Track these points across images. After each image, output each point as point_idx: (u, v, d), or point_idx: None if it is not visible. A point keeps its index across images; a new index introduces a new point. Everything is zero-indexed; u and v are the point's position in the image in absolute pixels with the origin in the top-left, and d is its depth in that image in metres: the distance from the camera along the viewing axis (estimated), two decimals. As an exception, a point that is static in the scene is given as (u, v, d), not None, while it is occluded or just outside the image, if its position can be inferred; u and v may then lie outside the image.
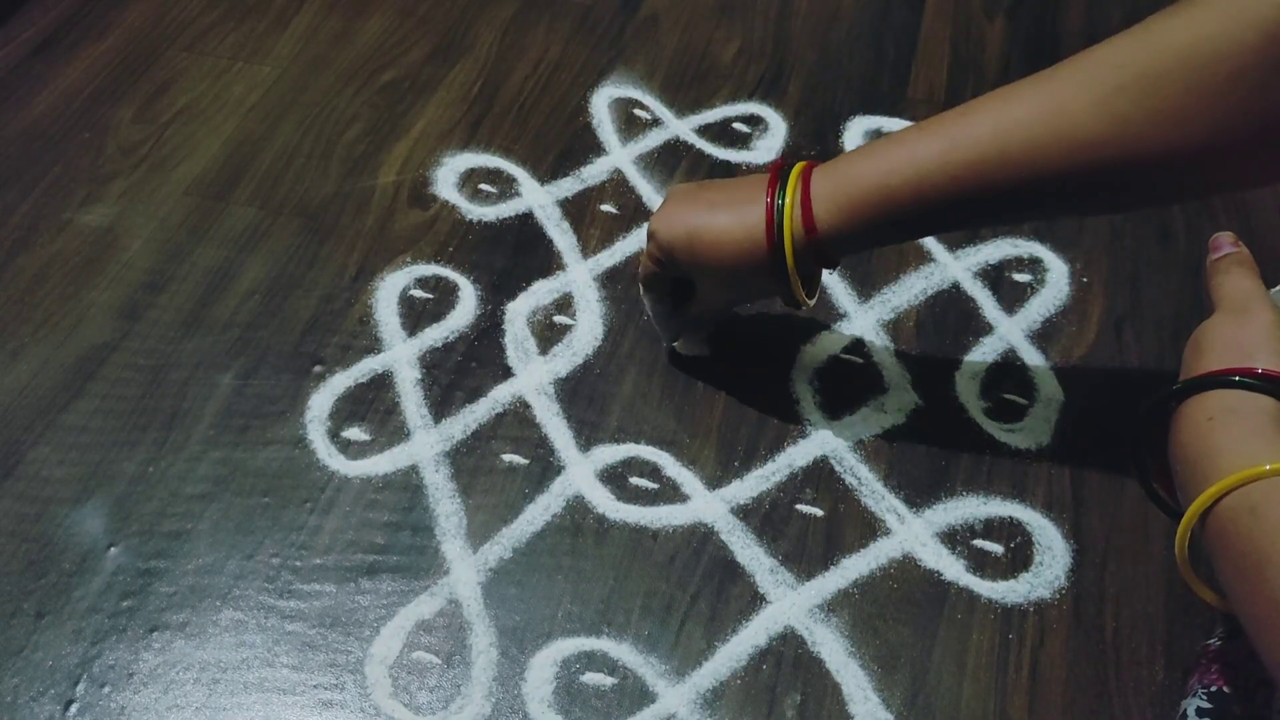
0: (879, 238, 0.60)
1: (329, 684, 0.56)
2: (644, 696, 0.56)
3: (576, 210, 0.79)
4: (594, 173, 0.81)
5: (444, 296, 0.73)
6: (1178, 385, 0.50)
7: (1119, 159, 0.52)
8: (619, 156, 0.82)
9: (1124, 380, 0.70)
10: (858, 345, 0.71)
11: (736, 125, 0.85)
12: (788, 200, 0.58)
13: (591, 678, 0.56)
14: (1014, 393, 0.69)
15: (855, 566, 0.61)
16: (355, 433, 0.66)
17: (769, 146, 0.83)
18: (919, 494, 0.64)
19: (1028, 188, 0.54)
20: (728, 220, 0.60)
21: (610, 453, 0.65)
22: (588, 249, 0.76)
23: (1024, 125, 0.53)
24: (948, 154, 0.55)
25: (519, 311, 0.72)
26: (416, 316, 0.72)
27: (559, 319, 0.72)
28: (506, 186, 0.80)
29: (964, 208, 0.56)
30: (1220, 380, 0.48)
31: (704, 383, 0.69)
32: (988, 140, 0.54)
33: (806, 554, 0.61)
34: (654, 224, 0.62)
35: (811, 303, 0.63)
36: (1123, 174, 0.52)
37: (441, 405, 0.67)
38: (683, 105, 0.86)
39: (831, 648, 0.58)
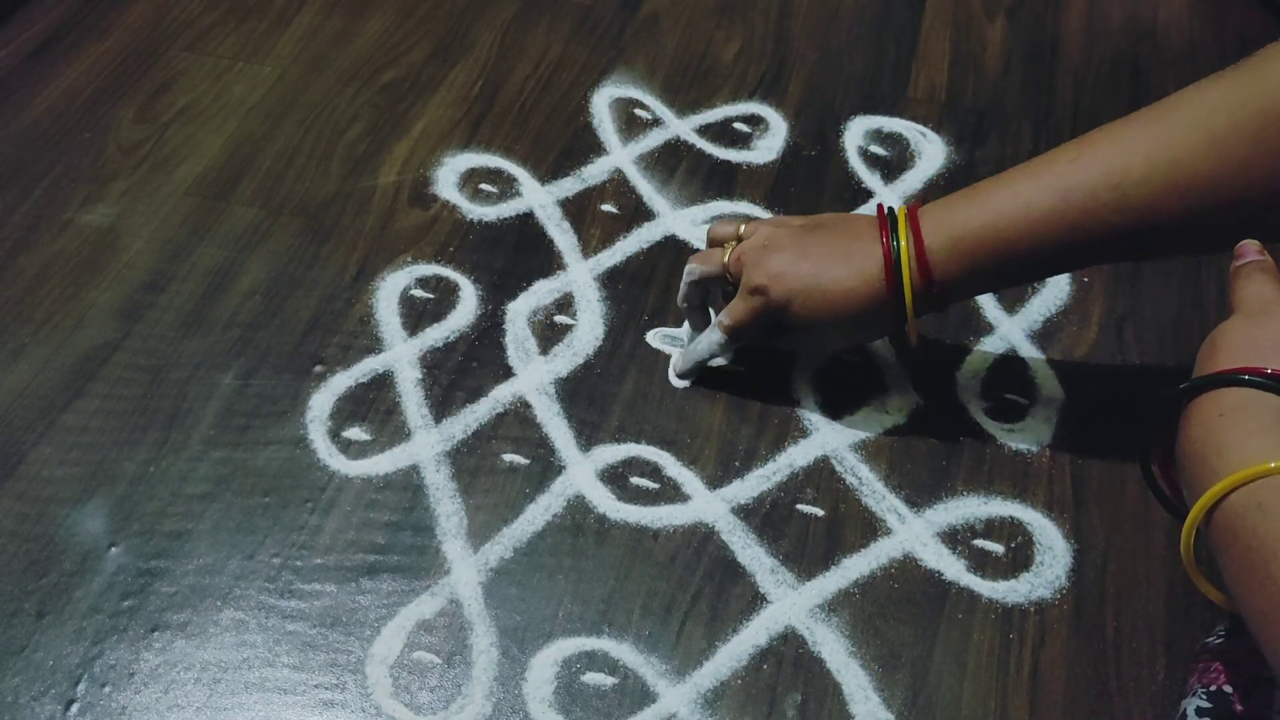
0: (992, 283, 0.62)
1: (330, 684, 0.56)
2: (645, 696, 0.56)
3: (577, 210, 0.79)
4: (594, 172, 0.81)
5: (444, 296, 0.73)
6: (1189, 382, 0.50)
7: (1235, 199, 0.53)
8: (619, 156, 0.82)
9: (1125, 380, 0.70)
10: (858, 345, 0.71)
11: (737, 125, 0.85)
12: (903, 247, 0.59)
13: (592, 677, 0.56)
14: (1015, 393, 0.69)
15: (856, 566, 0.61)
16: (356, 433, 0.66)
17: (769, 146, 0.84)
18: (920, 494, 0.64)
19: (1144, 232, 0.56)
20: (845, 272, 0.60)
21: (611, 452, 0.65)
22: (588, 249, 0.76)
23: (1139, 171, 0.54)
24: (1064, 204, 0.56)
25: (519, 311, 0.72)
26: (417, 316, 0.72)
27: (560, 319, 0.72)
28: (507, 186, 0.80)
29: (1078, 253, 0.58)
30: (1231, 378, 0.49)
31: (704, 383, 0.69)
32: (1104, 189, 0.55)
33: (807, 554, 0.61)
34: (763, 281, 0.62)
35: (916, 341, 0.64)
36: (1238, 213, 0.54)
37: (442, 405, 0.67)
38: (683, 105, 0.87)
39: (832, 647, 0.58)
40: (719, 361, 0.68)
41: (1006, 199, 0.58)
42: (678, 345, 0.70)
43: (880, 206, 0.62)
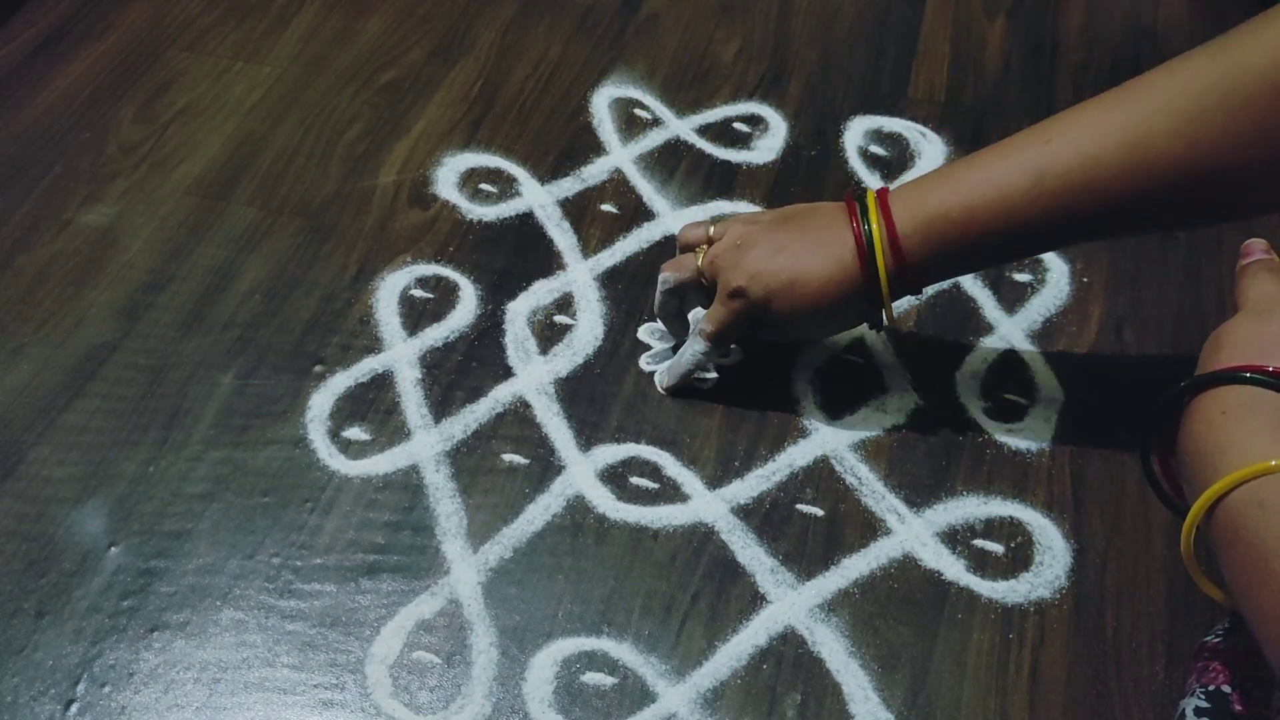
0: (966, 264, 0.62)
1: (329, 684, 0.56)
2: (644, 696, 0.56)
3: (577, 210, 0.79)
4: (594, 172, 0.81)
5: (444, 296, 0.73)
6: (1192, 379, 0.50)
7: (1203, 180, 0.53)
8: (619, 156, 0.82)
9: (1125, 380, 0.70)
10: (858, 345, 0.71)
11: (737, 125, 0.85)
12: (874, 231, 0.59)
13: (592, 677, 0.56)
14: (1014, 393, 0.69)
15: (855, 566, 0.61)
16: (356, 432, 0.66)
17: (769, 146, 0.84)
18: (919, 494, 0.64)
19: (1113, 212, 0.56)
20: (820, 263, 0.61)
21: (611, 452, 0.65)
22: (588, 249, 0.76)
23: (1109, 153, 0.55)
24: (1037, 186, 0.56)
25: (519, 311, 0.72)
26: (417, 316, 0.72)
27: (559, 319, 0.72)
28: (507, 186, 0.80)
29: (1049, 234, 0.58)
30: (1234, 376, 0.49)
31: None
32: (1075, 171, 0.55)
33: (807, 554, 0.61)
34: (741, 282, 0.62)
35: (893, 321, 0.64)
36: (1206, 192, 0.54)
37: (442, 405, 0.67)
38: (683, 105, 0.86)
39: (832, 647, 0.58)
40: (709, 375, 0.68)
41: (980, 180, 0.58)
42: (664, 353, 0.70)
43: (848, 192, 0.62)
